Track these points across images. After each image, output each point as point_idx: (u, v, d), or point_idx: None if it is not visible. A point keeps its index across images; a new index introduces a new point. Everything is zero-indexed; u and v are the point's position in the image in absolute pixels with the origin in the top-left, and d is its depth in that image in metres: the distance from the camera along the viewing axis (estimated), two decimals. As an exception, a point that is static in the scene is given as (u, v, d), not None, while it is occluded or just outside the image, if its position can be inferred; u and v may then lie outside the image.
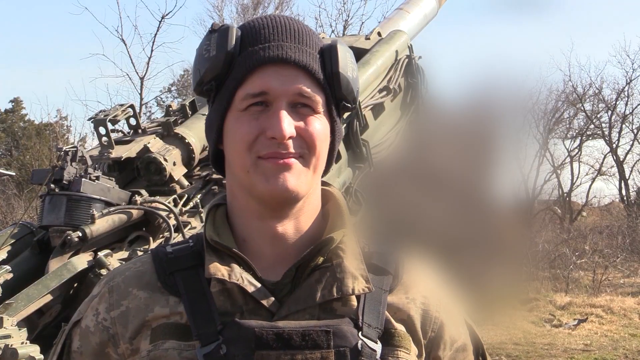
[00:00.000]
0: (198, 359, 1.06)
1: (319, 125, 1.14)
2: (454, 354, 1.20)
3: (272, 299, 1.11)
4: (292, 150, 1.11)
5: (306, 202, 1.17)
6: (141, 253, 3.27)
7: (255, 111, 1.12)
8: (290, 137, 1.11)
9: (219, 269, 1.10)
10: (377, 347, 1.10)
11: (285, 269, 1.13)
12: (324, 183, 1.23)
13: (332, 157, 1.21)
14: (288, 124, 1.10)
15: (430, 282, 1.23)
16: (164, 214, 3.42)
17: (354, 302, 1.13)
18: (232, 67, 1.13)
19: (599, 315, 11.56)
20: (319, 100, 1.13)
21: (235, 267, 1.11)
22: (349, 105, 1.19)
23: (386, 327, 1.13)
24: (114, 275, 1.20)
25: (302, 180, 1.12)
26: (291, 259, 1.14)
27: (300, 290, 1.12)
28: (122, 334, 1.13)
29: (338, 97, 1.17)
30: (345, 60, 1.16)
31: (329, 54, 1.16)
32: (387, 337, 1.12)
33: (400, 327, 1.15)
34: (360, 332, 1.10)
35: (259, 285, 1.11)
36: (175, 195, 3.69)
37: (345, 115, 4.45)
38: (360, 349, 1.08)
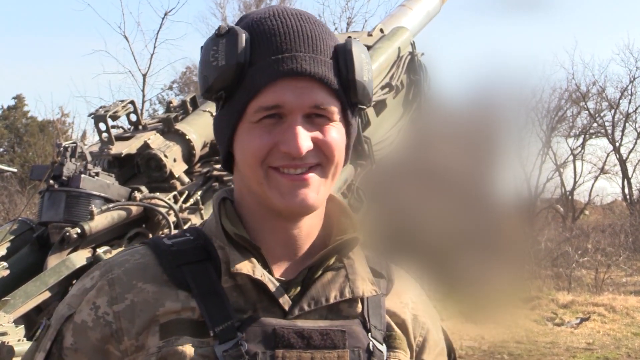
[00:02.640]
0: (216, 355, 1.03)
1: (336, 133, 1.11)
2: (435, 358, 1.23)
3: (287, 297, 1.09)
4: (308, 161, 1.09)
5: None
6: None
7: (269, 124, 1.08)
8: (307, 152, 1.08)
9: (244, 264, 1.08)
10: (383, 348, 1.12)
11: (294, 268, 1.13)
12: None
13: (348, 157, 1.18)
14: (304, 139, 1.07)
15: (416, 288, 1.26)
16: (163, 210, 3.41)
17: (359, 304, 1.13)
18: (244, 77, 1.08)
19: (602, 314, 11.54)
20: (334, 109, 1.10)
21: (256, 262, 1.09)
22: (364, 106, 1.16)
23: (387, 329, 1.15)
24: (111, 266, 1.12)
25: (321, 192, 1.11)
26: (301, 258, 1.14)
27: (314, 289, 1.10)
28: (128, 329, 1.07)
29: (354, 102, 1.13)
30: (361, 64, 1.11)
31: (344, 60, 1.10)
32: (389, 340, 1.14)
33: (398, 330, 1.17)
34: (369, 334, 1.11)
35: (277, 283, 1.09)
36: (175, 192, 3.68)
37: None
38: (372, 349, 1.09)
